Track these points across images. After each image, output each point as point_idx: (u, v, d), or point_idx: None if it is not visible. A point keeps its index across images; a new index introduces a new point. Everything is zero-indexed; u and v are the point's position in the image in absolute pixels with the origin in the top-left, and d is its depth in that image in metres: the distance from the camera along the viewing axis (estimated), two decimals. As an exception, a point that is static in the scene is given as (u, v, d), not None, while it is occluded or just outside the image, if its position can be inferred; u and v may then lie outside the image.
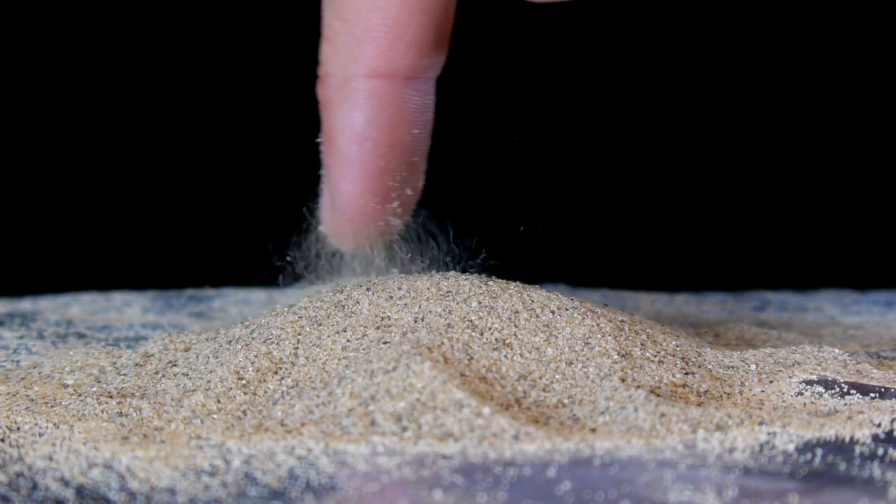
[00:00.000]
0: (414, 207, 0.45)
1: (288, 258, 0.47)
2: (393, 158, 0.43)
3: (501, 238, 0.47)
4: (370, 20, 0.42)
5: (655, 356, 0.41)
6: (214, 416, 0.39)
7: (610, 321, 0.42)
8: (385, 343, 0.40)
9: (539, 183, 0.72)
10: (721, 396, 0.41)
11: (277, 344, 0.41)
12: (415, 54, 0.43)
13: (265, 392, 0.39)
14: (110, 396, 0.40)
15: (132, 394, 0.41)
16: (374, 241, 0.45)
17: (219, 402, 0.39)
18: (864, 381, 0.42)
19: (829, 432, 0.37)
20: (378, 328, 0.41)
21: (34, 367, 0.45)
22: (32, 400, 0.40)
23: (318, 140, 0.45)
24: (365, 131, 0.43)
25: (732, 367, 0.43)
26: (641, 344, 0.42)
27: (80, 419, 0.39)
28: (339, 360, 0.40)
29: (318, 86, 0.44)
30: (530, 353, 0.40)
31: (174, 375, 0.42)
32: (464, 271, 0.45)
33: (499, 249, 0.46)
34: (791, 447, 0.36)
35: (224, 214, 0.70)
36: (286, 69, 0.69)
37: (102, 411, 0.39)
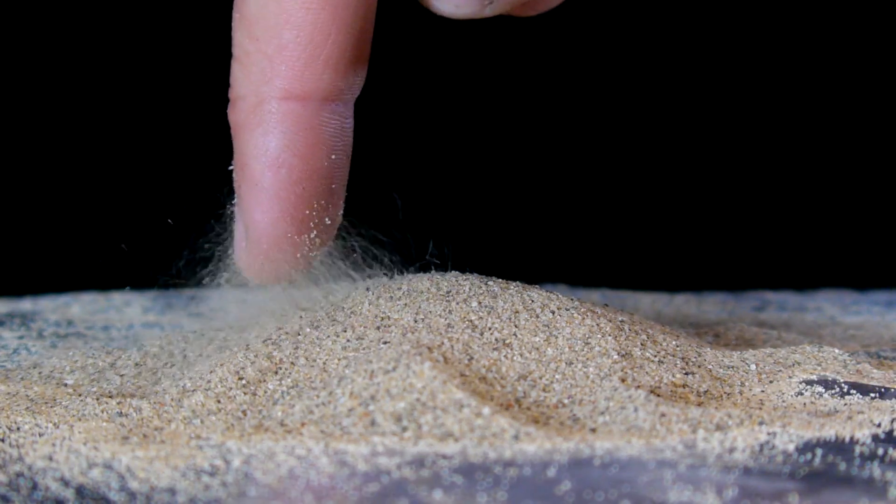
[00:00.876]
0: (332, 238, 0.43)
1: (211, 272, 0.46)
2: (310, 186, 0.42)
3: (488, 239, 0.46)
4: (283, 39, 0.40)
5: (655, 356, 0.41)
6: (214, 416, 0.39)
7: (610, 321, 0.42)
8: (385, 343, 0.40)
9: (539, 184, 0.72)
10: (721, 396, 0.41)
11: (277, 344, 0.41)
12: (331, 75, 0.41)
13: (265, 392, 0.39)
14: (110, 396, 0.40)
15: (132, 394, 0.41)
16: (290, 275, 0.43)
17: (219, 402, 0.39)
18: (864, 381, 0.42)
19: (829, 432, 0.37)
20: (378, 328, 0.41)
21: (34, 367, 0.45)
22: (32, 400, 0.40)
23: (230, 167, 0.43)
24: (279, 157, 0.41)
25: (732, 367, 0.43)
26: (641, 344, 0.42)
27: (80, 419, 0.38)
28: (339, 360, 0.40)
29: (229, 109, 0.42)
30: (530, 353, 0.40)
31: (174, 375, 0.42)
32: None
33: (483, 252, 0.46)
34: (791, 447, 0.36)
35: (224, 214, 0.70)
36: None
37: (102, 411, 0.39)
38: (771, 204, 0.73)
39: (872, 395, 0.41)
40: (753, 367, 0.43)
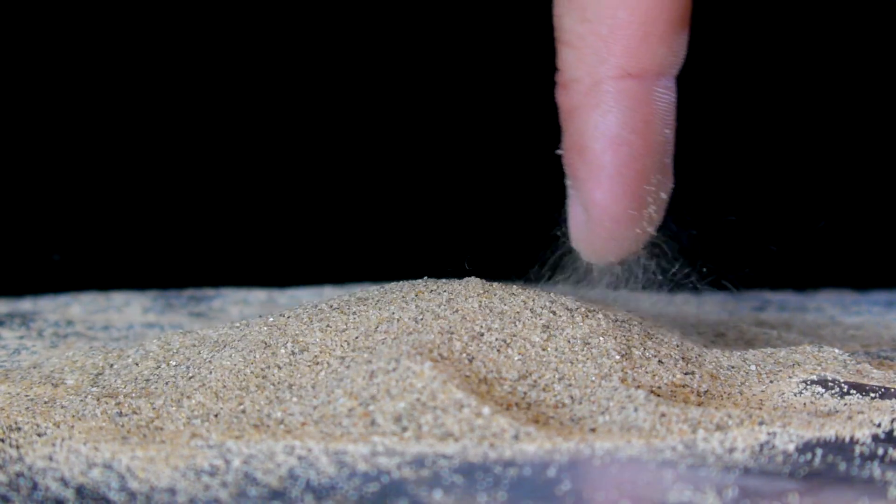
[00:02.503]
0: (665, 212, 0.43)
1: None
2: (648, 161, 0.42)
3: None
4: (618, 18, 0.41)
5: (655, 356, 0.41)
6: (214, 416, 0.39)
7: (610, 321, 0.42)
8: (385, 343, 0.40)
9: (539, 184, 0.72)
10: (721, 396, 0.41)
11: (277, 344, 0.41)
12: (664, 50, 0.41)
13: (265, 392, 0.39)
14: (110, 396, 0.40)
15: (132, 394, 0.41)
16: (632, 251, 0.43)
17: (219, 402, 0.39)
18: (864, 381, 0.42)
19: (829, 432, 0.37)
20: (378, 328, 0.41)
21: (34, 367, 0.45)
22: (32, 400, 0.40)
23: (559, 151, 0.43)
24: (619, 135, 0.41)
25: (732, 367, 0.43)
26: (641, 344, 0.42)
27: (80, 419, 0.38)
28: (338, 360, 0.40)
29: (559, 94, 0.42)
30: (530, 353, 0.40)
31: (174, 375, 0.42)
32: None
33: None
34: (791, 447, 0.36)
35: (224, 214, 0.70)
36: (285, 69, 0.69)
37: (102, 411, 0.39)
38: (771, 204, 0.73)
39: (872, 395, 0.41)
40: (753, 367, 0.43)
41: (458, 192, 0.71)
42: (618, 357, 0.40)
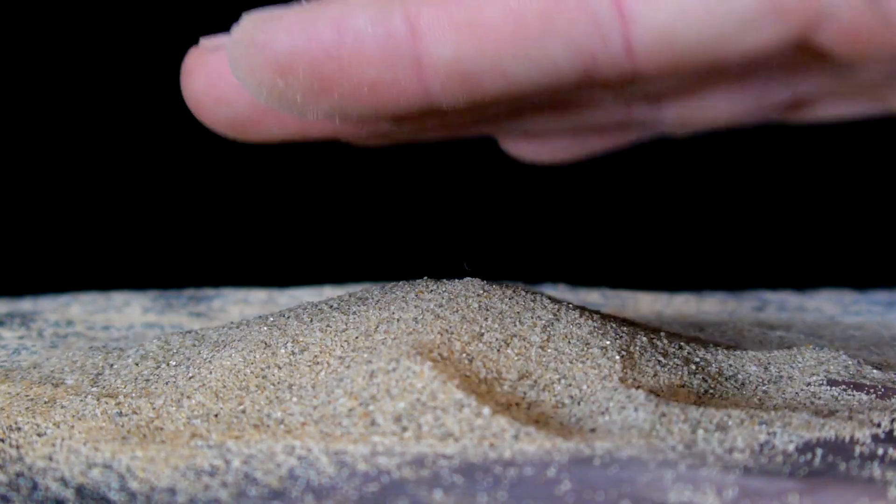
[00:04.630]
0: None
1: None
2: None
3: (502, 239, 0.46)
4: None
5: (655, 356, 0.41)
6: (214, 416, 0.39)
7: (610, 321, 0.42)
8: (385, 343, 0.40)
9: (540, 184, 0.72)
10: (721, 396, 0.41)
11: (277, 344, 0.41)
12: None
13: (265, 392, 0.39)
14: (110, 396, 0.40)
15: (132, 394, 0.41)
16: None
17: (219, 402, 0.39)
18: (864, 381, 0.42)
19: (829, 432, 0.37)
20: (378, 328, 0.41)
21: (34, 367, 0.45)
22: (32, 400, 0.40)
23: None
24: None
25: (732, 367, 0.43)
26: (641, 344, 0.42)
27: (80, 419, 0.39)
28: (338, 360, 0.40)
29: None
30: (530, 353, 0.40)
31: (174, 376, 0.42)
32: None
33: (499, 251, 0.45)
34: (791, 447, 0.36)
35: (224, 215, 0.70)
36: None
37: (102, 411, 0.39)
38: (771, 204, 0.73)
39: (872, 395, 0.41)
40: (753, 367, 0.43)
41: (457, 192, 0.71)
42: (618, 357, 0.40)
